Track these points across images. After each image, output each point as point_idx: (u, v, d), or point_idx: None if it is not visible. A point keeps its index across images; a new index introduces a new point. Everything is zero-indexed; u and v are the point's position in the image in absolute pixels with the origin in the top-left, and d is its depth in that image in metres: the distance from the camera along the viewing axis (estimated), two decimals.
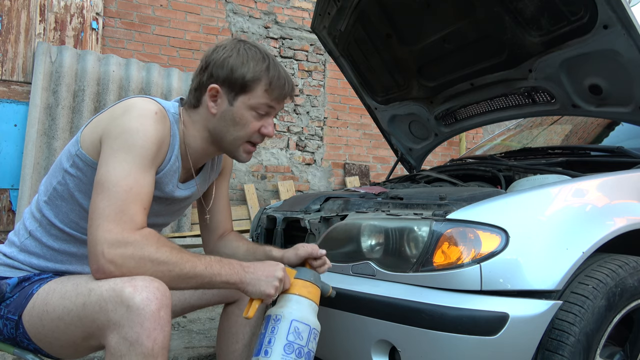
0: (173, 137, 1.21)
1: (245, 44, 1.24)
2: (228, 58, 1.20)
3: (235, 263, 1.15)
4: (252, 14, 4.88)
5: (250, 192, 4.72)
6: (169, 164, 1.21)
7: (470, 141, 6.04)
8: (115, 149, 1.08)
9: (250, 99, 1.21)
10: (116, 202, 1.03)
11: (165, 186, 1.24)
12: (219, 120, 1.24)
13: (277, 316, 1.17)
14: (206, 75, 1.22)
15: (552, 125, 2.70)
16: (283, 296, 1.21)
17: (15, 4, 3.79)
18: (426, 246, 1.27)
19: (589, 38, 1.69)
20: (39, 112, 3.65)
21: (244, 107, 1.22)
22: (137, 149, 1.08)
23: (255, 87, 1.21)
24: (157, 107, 1.16)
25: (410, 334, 1.20)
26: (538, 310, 1.16)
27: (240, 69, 1.19)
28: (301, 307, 1.20)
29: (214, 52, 1.23)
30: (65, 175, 1.18)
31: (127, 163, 1.07)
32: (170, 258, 1.04)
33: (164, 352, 0.96)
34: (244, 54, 1.21)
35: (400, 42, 2.26)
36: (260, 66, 1.21)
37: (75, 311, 1.01)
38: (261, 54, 1.23)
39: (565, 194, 1.37)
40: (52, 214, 1.19)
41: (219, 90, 1.21)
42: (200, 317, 2.95)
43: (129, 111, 1.12)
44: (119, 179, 1.05)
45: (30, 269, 1.19)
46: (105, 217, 1.01)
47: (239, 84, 1.20)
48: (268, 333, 1.16)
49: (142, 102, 1.15)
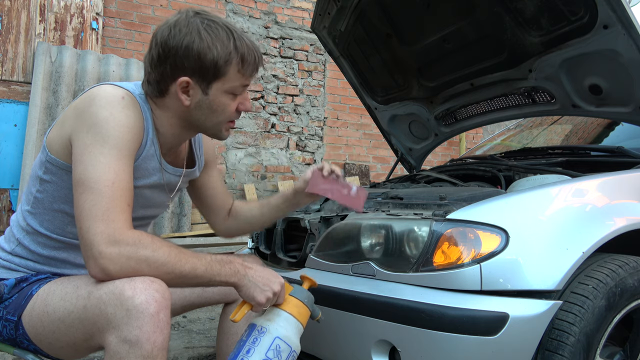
0: (146, 121, 1.14)
1: (203, 21, 1.11)
2: (191, 44, 1.08)
3: (237, 263, 1.13)
4: (252, 14, 4.88)
5: (250, 192, 4.73)
6: (145, 148, 1.15)
7: (470, 141, 6.05)
8: (88, 143, 1.03)
9: (225, 83, 1.13)
10: (102, 201, 1.00)
11: (148, 172, 1.19)
12: (195, 110, 1.16)
13: (262, 328, 1.16)
14: (169, 66, 1.11)
15: (552, 125, 2.70)
16: (273, 309, 1.19)
17: (15, 4, 3.79)
18: (426, 246, 1.27)
19: (589, 38, 1.69)
20: (39, 112, 3.65)
21: (219, 93, 1.14)
22: (111, 140, 1.04)
23: (228, 70, 1.12)
24: (122, 92, 1.11)
25: (410, 334, 1.20)
26: (538, 310, 1.16)
27: (208, 54, 1.09)
28: (288, 326, 1.17)
29: (170, 36, 1.09)
30: (42, 182, 1.15)
31: (104, 156, 1.02)
32: (169, 259, 1.02)
33: (163, 353, 0.96)
34: (206, 35, 1.09)
35: (400, 42, 2.26)
36: (227, 45, 1.10)
37: (76, 313, 1.00)
38: (223, 30, 1.11)
39: (565, 194, 1.37)
40: (37, 223, 1.17)
41: (190, 82, 1.11)
42: (200, 317, 2.95)
43: (94, 101, 1.07)
44: (100, 175, 1.01)
45: (26, 270, 1.19)
46: (94, 218, 0.98)
47: (211, 72, 1.11)
48: (249, 342, 1.14)
49: (106, 89, 1.10)
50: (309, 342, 1.51)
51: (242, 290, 1.13)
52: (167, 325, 0.97)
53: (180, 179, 1.31)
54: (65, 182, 1.12)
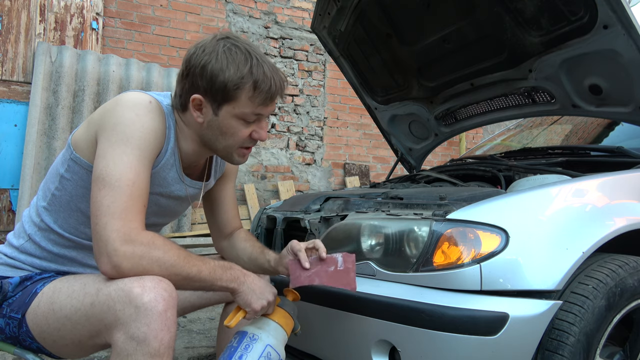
0: (169, 130, 1.16)
1: (226, 44, 1.12)
2: (207, 65, 1.10)
3: (236, 269, 1.17)
4: (252, 14, 4.88)
5: (250, 192, 4.73)
6: (165, 156, 1.17)
7: (470, 141, 6.05)
8: (112, 141, 1.05)
9: (235, 108, 1.13)
10: (121, 198, 1.02)
11: (167, 182, 1.21)
12: (207, 129, 1.17)
13: (254, 335, 1.20)
14: (188, 83, 1.14)
15: (552, 125, 2.70)
16: (263, 319, 1.24)
17: (15, 4, 3.79)
18: (426, 246, 1.27)
19: (589, 38, 1.69)
20: (39, 112, 3.65)
21: (229, 116, 1.14)
22: (134, 141, 1.06)
23: (238, 95, 1.11)
24: (150, 98, 1.14)
25: (410, 334, 1.20)
26: (538, 310, 1.16)
27: (220, 75, 1.09)
28: (278, 335, 1.23)
29: (193, 55, 1.13)
30: (62, 180, 1.17)
31: (127, 155, 1.05)
32: (178, 261, 1.04)
33: (169, 351, 0.97)
34: (223, 57, 1.10)
35: (400, 42, 2.26)
36: (242, 70, 1.10)
37: (83, 310, 1.01)
38: (243, 53, 1.12)
39: (565, 194, 1.37)
40: (52, 220, 1.18)
41: (202, 101, 1.13)
42: (200, 317, 2.95)
43: (122, 102, 1.10)
44: (121, 173, 1.03)
45: (31, 268, 1.20)
46: (112, 215, 1.00)
47: (220, 94, 1.11)
48: (241, 349, 1.18)
49: (134, 93, 1.13)
50: (309, 342, 1.51)
51: (239, 296, 1.17)
52: (174, 323, 0.99)
53: (201, 193, 1.34)
54: (84, 182, 1.14)
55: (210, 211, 1.47)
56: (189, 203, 1.35)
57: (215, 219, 1.46)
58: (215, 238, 1.50)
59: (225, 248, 1.48)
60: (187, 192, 1.29)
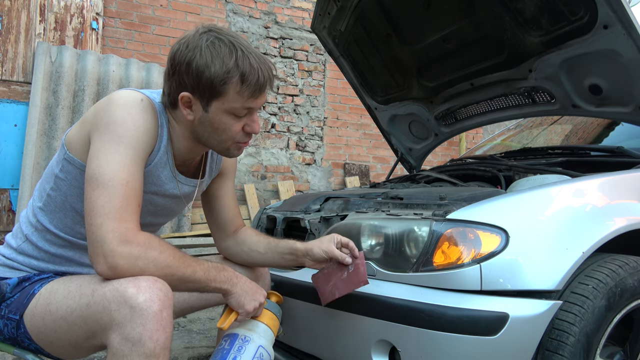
0: (161, 127, 1.15)
1: (209, 37, 1.09)
2: (192, 61, 1.07)
3: (229, 271, 1.18)
4: (252, 14, 4.88)
5: (250, 192, 4.72)
6: (158, 154, 1.16)
7: (470, 141, 6.04)
8: (105, 140, 1.05)
9: (224, 103, 1.11)
10: (116, 198, 1.01)
11: (160, 181, 1.20)
12: (199, 126, 1.16)
13: (245, 337, 1.21)
14: (175, 81, 1.12)
15: (552, 125, 2.70)
16: (251, 321, 1.25)
17: (15, 4, 3.79)
18: (426, 246, 1.27)
19: (589, 38, 1.69)
20: (39, 112, 3.65)
21: (219, 112, 1.12)
22: (127, 140, 1.06)
23: (226, 90, 1.09)
24: (142, 96, 1.13)
25: (410, 334, 1.20)
26: (538, 310, 1.16)
27: (206, 71, 1.07)
28: (267, 336, 1.25)
29: (177, 51, 1.10)
30: (56, 180, 1.16)
31: (120, 155, 1.04)
32: (174, 261, 1.05)
33: (165, 352, 0.97)
34: (207, 52, 1.07)
35: (400, 42, 2.26)
36: (227, 64, 1.07)
37: (79, 311, 1.01)
38: (227, 46, 1.08)
39: (565, 194, 1.37)
40: (47, 220, 1.18)
41: (191, 98, 1.11)
42: (200, 317, 2.95)
43: (114, 101, 1.09)
44: (115, 173, 1.02)
45: (29, 269, 1.19)
46: (107, 215, 1.00)
47: (207, 90, 1.09)
48: (234, 350, 1.19)
49: (126, 91, 1.12)
50: (309, 342, 1.51)
51: (232, 297, 1.17)
52: (170, 324, 0.98)
53: (196, 190, 1.33)
54: (79, 182, 1.13)
55: (210, 210, 1.45)
56: (185, 202, 1.34)
57: (217, 218, 1.45)
58: (217, 238, 1.48)
59: (231, 246, 1.45)
60: (180, 190, 1.27)
